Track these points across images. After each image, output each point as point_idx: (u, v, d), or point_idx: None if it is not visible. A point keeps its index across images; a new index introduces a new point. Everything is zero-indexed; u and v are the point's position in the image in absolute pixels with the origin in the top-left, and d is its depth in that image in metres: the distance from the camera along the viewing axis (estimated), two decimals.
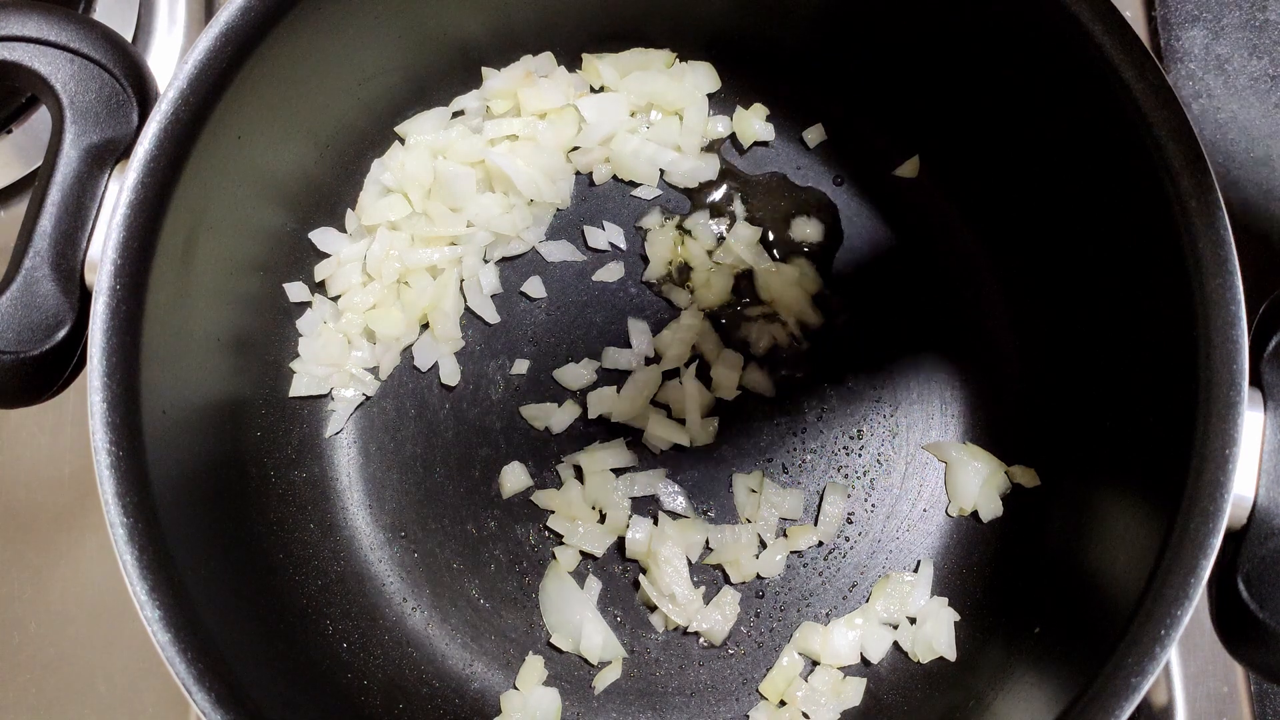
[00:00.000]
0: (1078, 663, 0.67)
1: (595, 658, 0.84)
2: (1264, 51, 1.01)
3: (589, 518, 0.86)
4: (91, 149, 0.69)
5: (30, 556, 0.95)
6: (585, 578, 0.86)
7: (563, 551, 0.86)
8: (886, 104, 0.90)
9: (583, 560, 0.87)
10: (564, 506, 0.86)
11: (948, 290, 0.90)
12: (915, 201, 0.91)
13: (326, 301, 0.89)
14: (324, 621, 0.83)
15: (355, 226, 0.89)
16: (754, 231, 0.91)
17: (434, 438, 0.89)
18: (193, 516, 0.71)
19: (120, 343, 0.65)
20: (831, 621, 0.85)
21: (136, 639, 0.91)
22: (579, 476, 0.87)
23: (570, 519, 0.86)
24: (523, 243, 0.91)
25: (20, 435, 0.97)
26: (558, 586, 0.86)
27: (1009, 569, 0.84)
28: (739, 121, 0.92)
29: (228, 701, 0.63)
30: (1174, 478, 0.64)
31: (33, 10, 0.69)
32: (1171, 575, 0.61)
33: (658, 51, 0.92)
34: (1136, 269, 0.72)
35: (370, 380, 0.89)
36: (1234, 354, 0.62)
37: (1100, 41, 0.67)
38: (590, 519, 0.86)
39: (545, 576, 0.86)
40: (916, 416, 0.88)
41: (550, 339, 0.90)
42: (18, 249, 0.68)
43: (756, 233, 0.91)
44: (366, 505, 0.88)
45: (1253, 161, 0.99)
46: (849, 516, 0.87)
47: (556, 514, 0.87)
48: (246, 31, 0.69)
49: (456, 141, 0.89)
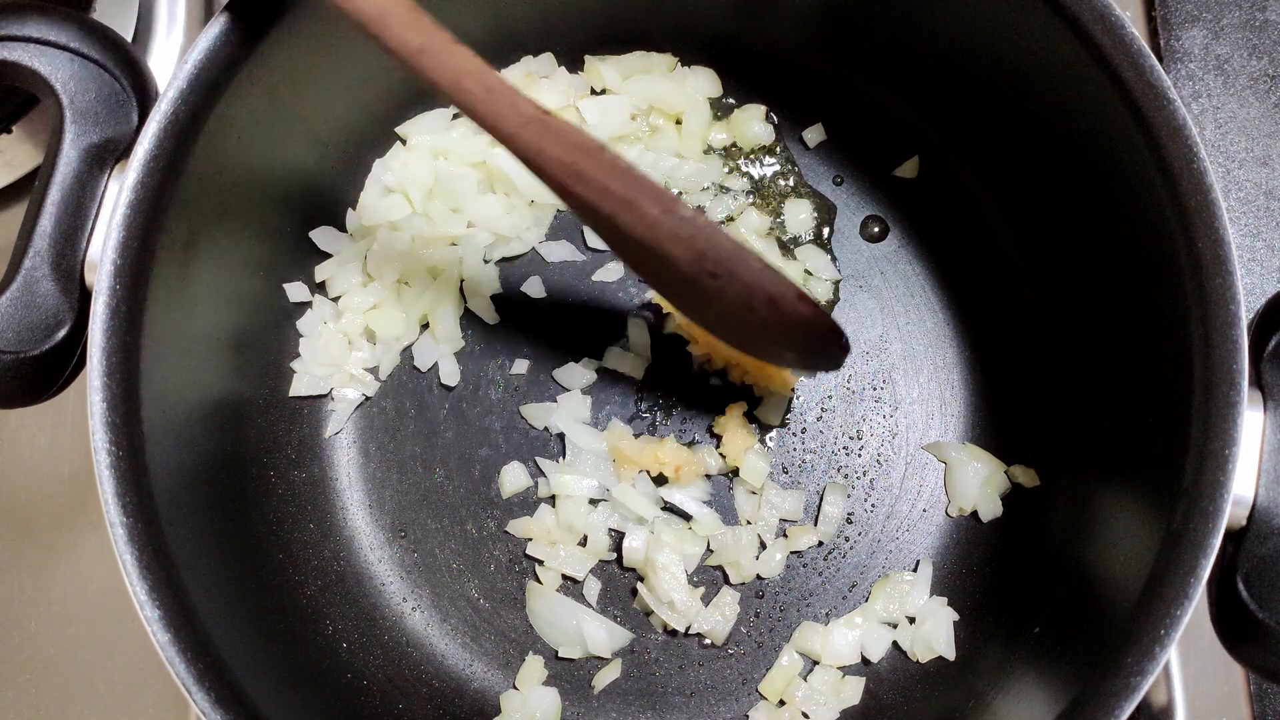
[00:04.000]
0: (1078, 663, 0.67)
1: (607, 651, 0.84)
2: (1264, 51, 1.01)
3: (569, 540, 0.86)
4: (91, 149, 0.69)
5: (30, 556, 0.95)
6: (584, 578, 0.86)
7: (544, 573, 0.86)
8: (886, 104, 0.90)
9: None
10: (541, 533, 0.86)
11: (947, 290, 0.90)
12: (915, 201, 0.91)
13: (326, 301, 0.89)
14: (324, 621, 0.83)
15: (356, 226, 0.89)
16: (764, 219, 0.90)
17: (434, 438, 0.89)
18: (193, 516, 0.71)
19: (120, 343, 0.65)
20: (831, 621, 0.85)
21: (136, 639, 0.91)
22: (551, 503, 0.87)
23: (550, 543, 0.86)
24: (523, 243, 0.91)
25: (20, 435, 0.97)
26: (544, 604, 0.85)
27: (1009, 569, 0.84)
28: (739, 122, 0.92)
29: (228, 701, 0.63)
30: (1174, 478, 0.64)
31: (33, 10, 0.69)
32: (1171, 575, 0.61)
33: (660, 55, 0.92)
34: (1136, 269, 0.72)
35: (370, 380, 0.89)
36: (1234, 354, 0.62)
37: (1100, 41, 0.67)
38: (570, 541, 0.86)
39: (528, 599, 0.86)
40: (916, 416, 0.88)
41: (550, 339, 0.90)
42: (18, 249, 0.68)
43: (767, 221, 0.90)
44: (366, 505, 0.88)
45: (1253, 161, 0.99)
46: (849, 516, 0.87)
47: (534, 540, 0.86)
48: (246, 31, 0.69)
49: (458, 142, 0.89)
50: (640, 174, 0.66)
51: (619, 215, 0.66)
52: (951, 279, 0.90)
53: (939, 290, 0.90)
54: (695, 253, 0.67)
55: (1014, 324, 0.88)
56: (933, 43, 0.83)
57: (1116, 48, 0.67)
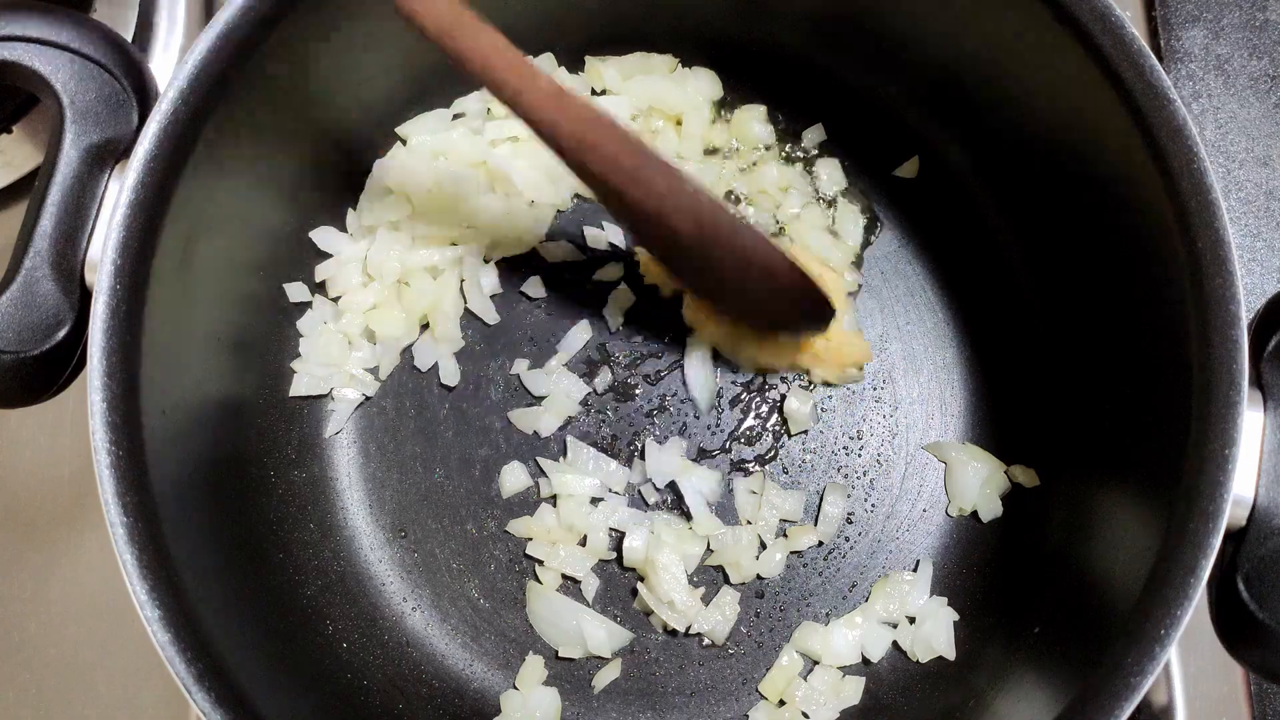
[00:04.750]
0: (1078, 663, 0.67)
1: (607, 650, 0.84)
2: (1264, 51, 1.01)
3: (569, 540, 0.86)
4: (91, 149, 0.69)
5: (30, 556, 0.95)
6: (584, 578, 0.86)
7: (544, 573, 0.86)
8: (886, 104, 0.90)
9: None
10: (541, 533, 0.86)
11: (947, 290, 0.90)
12: (915, 201, 0.91)
13: (327, 301, 0.89)
14: (324, 621, 0.83)
15: (356, 226, 0.89)
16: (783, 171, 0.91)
17: (434, 438, 0.89)
18: (193, 517, 0.71)
19: (120, 343, 0.65)
20: (831, 621, 0.85)
21: (136, 639, 0.91)
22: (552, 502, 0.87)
23: (550, 543, 0.86)
24: (523, 243, 0.91)
25: (20, 435, 0.97)
26: (544, 604, 0.85)
27: (1009, 569, 0.84)
28: (739, 123, 0.92)
29: (228, 701, 0.63)
30: (1174, 478, 0.64)
31: (33, 10, 0.69)
32: (1171, 575, 0.61)
33: (660, 56, 0.92)
34: (1136, 269, 0.72)
35: (370, 380, 0.89)
36: (1234, 354, 0.62)
37: (1100, 42, 0.67)
38: (570, 540, 0.86)
39: (528, 599, 0.86)
40: (916, 416, 0.88)
41: (550, 339, 0.90)
42: (18, 249, 0.68)
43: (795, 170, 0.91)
44: (366, 505, 0.88)
45: (1253, 161, 0.99)
46: (849, 516, 0.87)
47: (534, 540, 0.86)
48: (246, 31, 0.69)
49: (458, 143, 0.89)
50: (649, 149, 0.70)
51: (628, 189, 0.69)
52: (951, 279, 0.90)
53: (939, 290, 0.90)
54: (698, 225, 0.71)
55: (1014, 324, 0.88)
56: (933, 43, 0.83)
57: (1116, 48, 0.67)
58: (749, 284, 0.77)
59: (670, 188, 0.70)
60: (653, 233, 0.73)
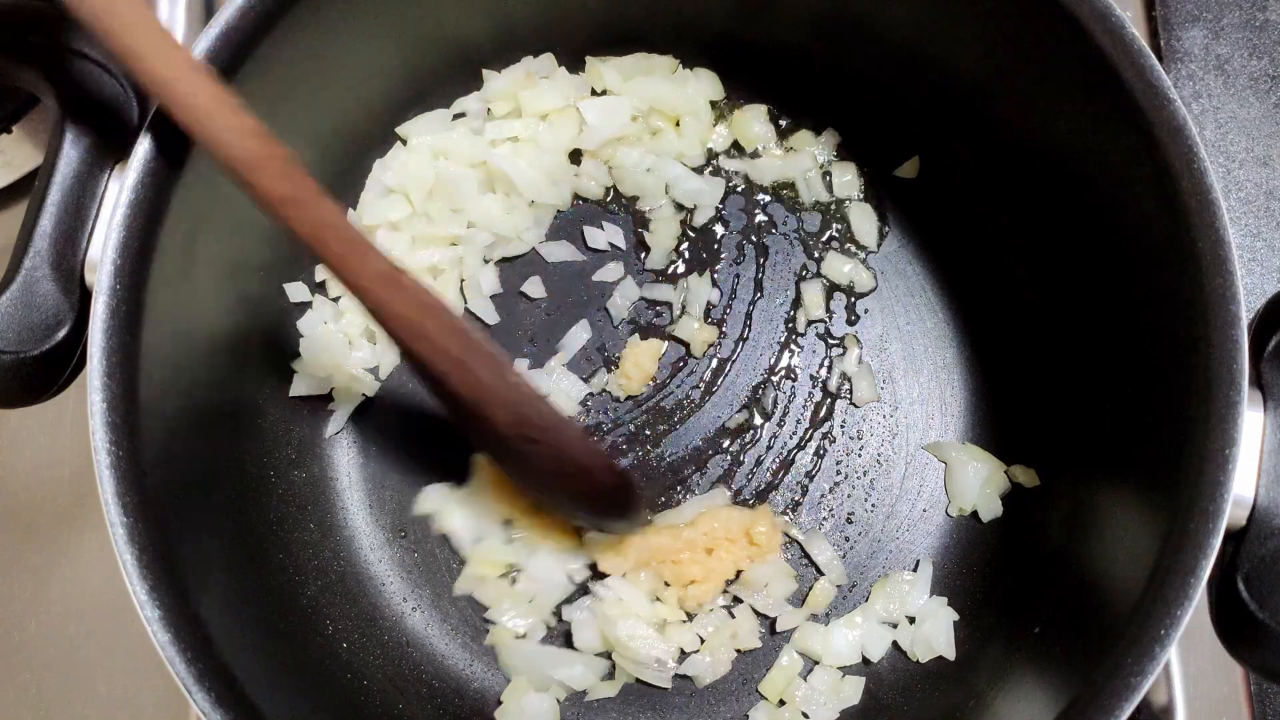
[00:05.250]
0: (1078, 663, 0.67)
1: (592, 682, 0.84)
2: (1264, 51, 1.01)
3: (519, 599, 0.85)
4: (91, 149, 0.69)
5: (30, 556, 0.95)
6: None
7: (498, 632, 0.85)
8: (886, 104, 0.90)
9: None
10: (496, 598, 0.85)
11: (947, 290, 0.90)
12: (915, 201, 0.91)
13: (327, 301, 0.89)
14: (324, 621, 0.83)
15: (356, 226, 0.89)
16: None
17: (434, 438, 0.89)
18: (192, 516, 0.71)
19: (120, 343, 0.65)
20: (831, 621, 0.85)
21: (136, 639, 0.91)
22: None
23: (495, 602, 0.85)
24: (523, 243, 0.91)
25: (20, 435, 0.97)
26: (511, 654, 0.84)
27: (1009, 569, 0.84)
28: (739, 123, 0.92)
29: (228, 701, 0.63)
30: (1174, 478, 0.64)
31: (33, 10, 0.69)
32: (1171, 575, 0.61)
33: (661, 57, 0.92)
34: (1136, 269, 0.72)
35: (370, 380, 0.89)
36: (1234, 354, 0.62)
37: (1100, 42, 0.67)
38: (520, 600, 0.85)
39: (498, 653, 0.84)
40: (916, 416, 0.88)
41: (550, 339, 0.90)
42: (18, 249, 0.68)
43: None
44: (366, 505, 0.88)
45: (1253, 161, 0.99)
46: (849, 516, 0.87)
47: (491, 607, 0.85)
48: (246, 31, 0.69)
49: (458, 143, 0.89)
50: (477, 339, 0.70)
51: (451, 375, 0.69)
52: (951, 279, 0.90)
53: (939, 290, 0.90)
54: (516, 417, 0.72)
55: (1014, 324, 0.88)
56: (932, 43, 0.83)
57: (1116, 48, 0.67)
58: (564, 479, 0.77)
59: (493, 378, 0.70)
60: (470, 419, 0.73)
